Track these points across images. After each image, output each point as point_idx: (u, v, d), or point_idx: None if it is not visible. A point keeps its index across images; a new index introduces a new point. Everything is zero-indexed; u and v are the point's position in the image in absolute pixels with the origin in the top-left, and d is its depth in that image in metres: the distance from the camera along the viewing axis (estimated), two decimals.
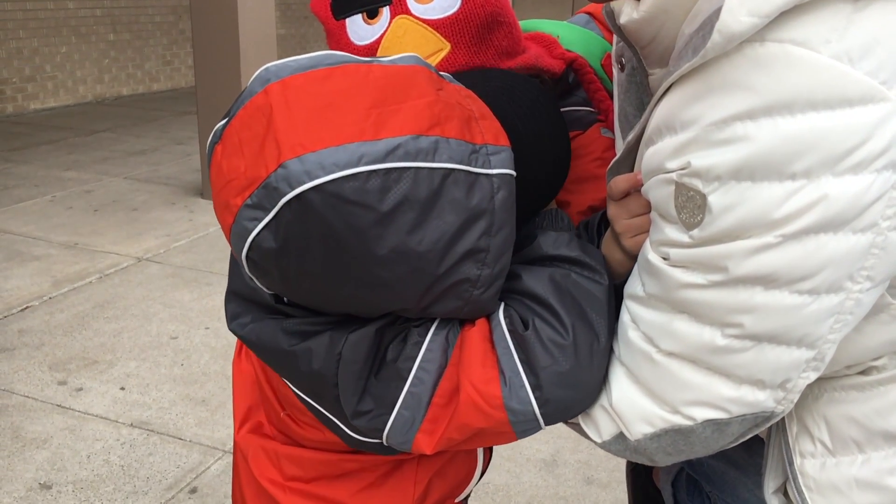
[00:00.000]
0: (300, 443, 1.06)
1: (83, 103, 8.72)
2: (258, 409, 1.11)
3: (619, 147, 0.97)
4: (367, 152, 0.73)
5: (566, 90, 1.14)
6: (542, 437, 2.73)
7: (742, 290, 0.72)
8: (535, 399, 0.84)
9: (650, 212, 0.81)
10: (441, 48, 0.98)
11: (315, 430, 1.01)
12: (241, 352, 1.12)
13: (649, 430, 0.83)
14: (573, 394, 0.86)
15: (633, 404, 0.84)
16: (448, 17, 0.97)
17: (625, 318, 0.85)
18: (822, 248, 0.68)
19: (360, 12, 1.00)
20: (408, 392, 0.86)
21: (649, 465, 1.24)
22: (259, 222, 0.75)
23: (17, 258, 4.24)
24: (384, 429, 0.87)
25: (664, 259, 0.78)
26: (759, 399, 0.78)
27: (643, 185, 0.81)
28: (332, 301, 0.83)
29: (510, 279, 0.87)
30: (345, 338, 0.84)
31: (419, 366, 0.85)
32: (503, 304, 0.88)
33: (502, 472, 2.61)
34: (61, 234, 4.62)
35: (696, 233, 0.73)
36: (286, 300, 0.88)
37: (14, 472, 2.54)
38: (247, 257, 0.78)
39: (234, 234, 0.78)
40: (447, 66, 0.99)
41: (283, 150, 0.74)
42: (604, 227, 0.97)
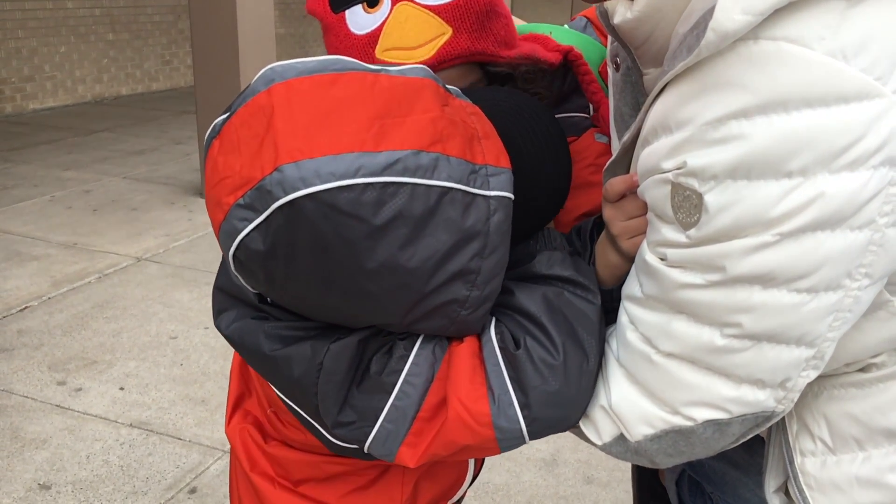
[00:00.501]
0: (286, 442, 1.05)
1: (82, 103, 8.72)
2: (250, 398, 1.11)
3: (616, 147, 0.96)
4: (365, 164, 0.72)
5: (563, 96, 1.14)
6: None
7: (740, 290, 0.72)
8: (524, 418, 0.84)
9: (647, 213, 0.81)
10: (443, 32, 0.99)
11: (298, 431, 1.00)
12: None
13: (649, 431, 0.83)
14: (560, 413, 0.85)
15: (633, 405, 0.83)
16: (449, 3, 0.99)
17: (623, 319, 0.85)
18: (820, 245, 0.68)
19: (361, 2, 1.01)
20: (392, 405, 0.85)
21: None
22: (249, 223, 0.74)
23: (16, 258, 4.24)
24: (366, 440, 0.86)
25: (662, 260, 0.77)
26: (760, 398, 0.77)
27: (639, 186, 0.81)
28: (316, 308, 0.83)
29: (502, 294, 0.86)
30: (327, 347, 0.83)
31: (405, 380, 0.84)
32: (494, 320, 0.88)
33: (502, 471, 2.61)
34: (60, 234, 4.63)
35: (693, 233, 0.72)
36: (270, 301, 0.87)
37: (13, 472, 2.54)
38: (234, 256, 0.78)
39: (224, 231, 0.77)
40: (450, 51, 0.99)
41: (281, 153, 0.72)
42: (596, 232, 0.97)
